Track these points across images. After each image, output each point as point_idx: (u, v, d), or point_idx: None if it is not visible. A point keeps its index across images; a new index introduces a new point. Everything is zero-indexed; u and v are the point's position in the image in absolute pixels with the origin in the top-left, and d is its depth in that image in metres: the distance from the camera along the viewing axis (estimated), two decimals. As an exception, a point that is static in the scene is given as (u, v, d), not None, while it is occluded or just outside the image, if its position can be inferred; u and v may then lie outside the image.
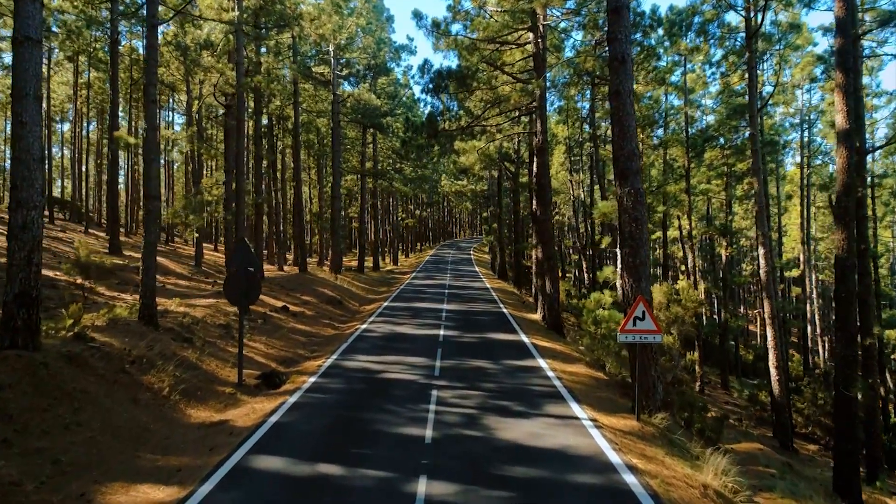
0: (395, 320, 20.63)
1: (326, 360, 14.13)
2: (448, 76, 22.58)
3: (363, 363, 13.77)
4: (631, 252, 10.58)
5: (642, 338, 10.03)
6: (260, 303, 20.82)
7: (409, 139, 23.39)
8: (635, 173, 10.63)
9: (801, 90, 30.76)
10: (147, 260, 13.76)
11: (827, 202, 36.66)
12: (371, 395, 11.04)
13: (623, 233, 10.73)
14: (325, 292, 26.26)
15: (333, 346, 16.35)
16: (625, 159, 10.65)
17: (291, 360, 15.13)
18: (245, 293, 11.99)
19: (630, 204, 10.60)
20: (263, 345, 15.92)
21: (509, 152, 38.22)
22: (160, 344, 12.40)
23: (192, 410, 10.54)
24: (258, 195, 25.53)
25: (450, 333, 17.87)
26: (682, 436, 10.30)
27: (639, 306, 9.99)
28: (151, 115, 13.99)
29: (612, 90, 10.82)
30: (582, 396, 11.31)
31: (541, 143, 20.36)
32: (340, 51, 31.84)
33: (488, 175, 57.40)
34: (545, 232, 20.82)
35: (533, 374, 12.90)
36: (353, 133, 48.87)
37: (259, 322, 18.15)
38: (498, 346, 16.10)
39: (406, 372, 12.92)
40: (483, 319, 21.26)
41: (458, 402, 10.65)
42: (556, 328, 20.24)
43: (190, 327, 14.81)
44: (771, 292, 17.19)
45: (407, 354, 14.71)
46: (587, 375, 13.51)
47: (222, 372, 12.72)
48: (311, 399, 10.86)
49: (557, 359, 14.87)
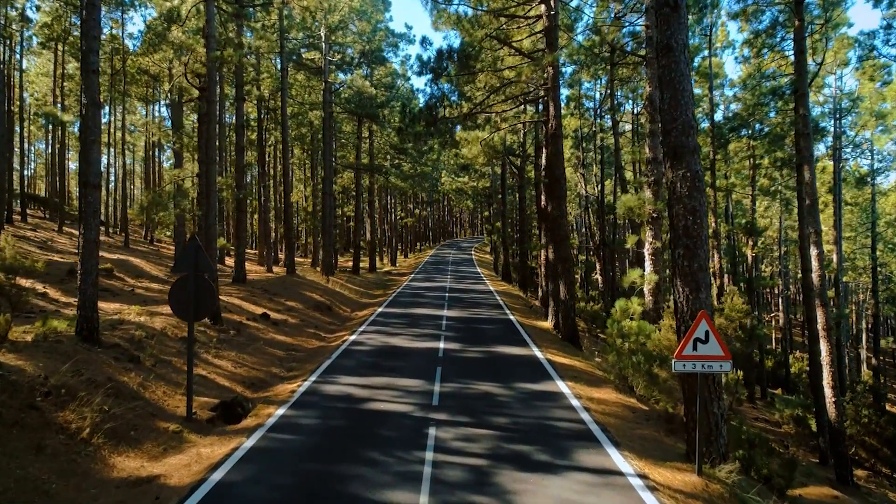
0: (389, 329, 18.23)
1: (303, 383, 11.74)
2: (449, 56, 20.18)
3: (347, 387, 11.37)
4: (687, 254, 8.18)
5: (705, 366, 7.63)
6: (236, 310, 18.43)
7: (406, 127, 20.98)
8: (692, 151, 8.22)
9: (833, 76, 28.36)
10: (87, 262, 11.36)
11: (854, 200, 34.27)
12: (351, 436, 8.63)
13: (675, 229, 8.32)
14: (314, 297, 23.86)
15: (315, 362, 13.95)
16: (678, 133, 8.24)
17: (262, 381, 12.72)
18: (195, 304, 9.58)
19: (685, 191, 8.19)
20: (232, 362, 13.51)
21: (514, 146, 35.85)
22: (93, 367, 10.00)
23: (119, 458, 8.14)
24: (239, 190, 23.12)
25: (451, 347, 15.48)
26: (755, 492, 7.89)
27: (700, 325, 7.60)
28: (92, 87, 11.60)
29: (660, 45, 8.42)
30: (620, 436, 8.91)
31: (554, 129, 17.95)
32: (332, 33, 29.44)
33: (491, 171, 55.06)
34: (558, 230, 18.41)
35: (554, 403, 10.50)
36: (349, 127, 46.46)
37: (231, 333, 15.74)
38: (508, 364, 13.70)
39: (398, 400, 10.52)
40: (488, 329, 18.87)
41: (463, 446, 8.26)
42: (571, 339, 17.84)
43: (142, 342, 12.41)
44: (825, 298, 14.81)
45: (400, 375, 12.31)
46: (619, 403, 11.10)
47: (170, 401, 10.31)
48: (273, 443, 8.46)
49: (580, 380, 12.46)
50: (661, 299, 15.15)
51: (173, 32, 18.09)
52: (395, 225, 64.12)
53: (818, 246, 15.17)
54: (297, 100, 38.58)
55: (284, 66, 27.84)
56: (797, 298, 49.42)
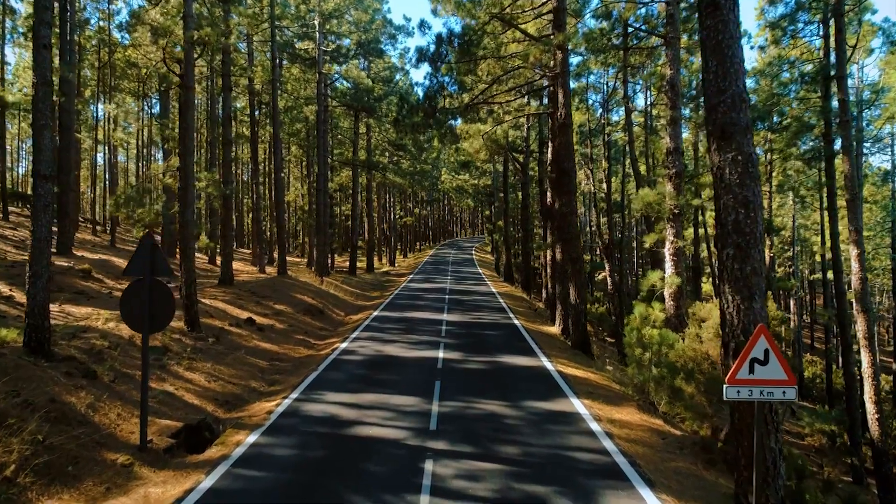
0: (384, 336, 16.80)
1: (283, 401, 10.31)
2: (449, 41, 18.75)
3: (332, 406, 9.94)
4: (738, 255, 6.75)
5: (765, 393, 6.20)
6: (219, 314, 17.00)
7: (403, 118, 19.55)
8: (744, 130, 6.79)
9: (856, 65, 26.98)
10: (36, 264, 9.90)
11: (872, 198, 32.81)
12: (331, 473, 7.20)
13: (723, 224, 6.89)
14: (305, 300, 22.42)
15: (300, 375, 12.53)
16: (727, 108, 6.81)
17: (238, 398, 11.29)
18: (150, 313, 8.15)
19: (735, 178, 6.76)
20: (206, 375, 12.07)
21: (517, 141, 34.40)
22: (35, 385, 8.57)
23: (49, 502, 6.72)
24: (226, 185, 21.69)
25: (451, 356, 14.04)
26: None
27: (759, 342, 6.17)
28: (43, 64, 10.15)
29: (704, 3, 6.98)
30: (652, 471, 7.48)
31: (563, 119, 16.50)
32: (326, 21, 27.99)
33: (493, 168, 53.60)
34: (567, 228, 16.97)
35: (571, 427, 9.06)
36: (346, 123, 45.04)
37: (210, 341, 14.31)
38: (515, 377, 12.27)
39: (390, 423, 9.09)
40: (492, 335, 17.45)
41: (466, 487, 6.83)
42: (582, 347, 16.41)
43: (102, 353, 10.98)
44: (867, 304, 13.32)
45: (394, 391, 10.88)
46: (645, 426, 9.66)
47: (125, 425, 8.88)
48: (236, 482, 7.02)
49: (597, 397, 11.02)
50: (682, 304, 13.72)
51: (150, 13, 16.70)
52: (394, 224, 62.67)
53: (859, 245, 13.70)
54: (293, 95, 37.16)
55: (275, 55, 26.40)
56: (806, 300, 48.01)
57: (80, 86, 35.78)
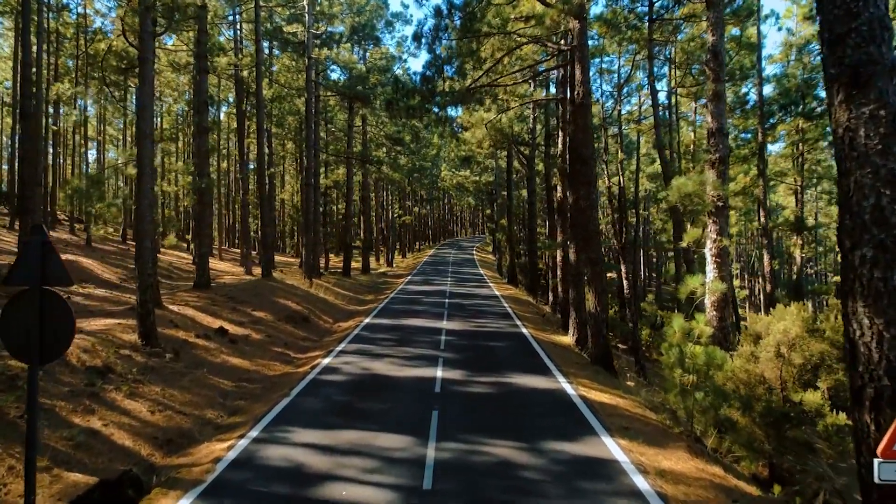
0: (375, 349, 14.61)
1: (239, 442, 8.11)
2: (450, 14, 16.58)
3: (299, 451, 7.74)
4: (880, 258, 4.53)
5: (941, 473, 4.00)
6: (186, 324, 14.77)
7: (397, 100, 17.36)
8: (889, 72, 4.58)
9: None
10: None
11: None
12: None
13: (856, 213, 4.69)
14: (289, 305, 20.21)
15: (268, 401, 10.34)
16: (860, 40, 4.61)
17: (185, 436, 9.06)
18: (40, 336, 5.92)
19: (875, 144, 4.56)
20: (151, 403, 9.85)
21: (522, 134, 32.20)
22: None
23: None
24: (201, 178, 19.48)
25: (452, 376, 11.85)
26: None
27: (931, 393, 3.95)
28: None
29: None
30: (737, 565, 5.27)
31: (581, 98, 14.27)
32: (315, 1, 25.81)
33: (495, 164, 51.37)
34: (587, 225, 14.74)
35: (610, 486, 6.85)
36: (342, 116, 42.83)
37: (167, 357, 12.09)
38: (530, 404, 10.07)
39: (371, 479, 6.88)
40: (498, 347, 15.26)
41: None
42: (603, 362, 14.20)
43: (16, 380, 8.78)
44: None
45: (380, 427, 8.67)
46: (705, 480, 7.44)
47: (15, 487, 6.66)
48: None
49: (636, 434, 8.79)
50: (727, 315, 11.52)
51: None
52: (393, 223, 60.44)
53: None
54: (285, 86, 34.96)
55: (258, 35, 24.19)
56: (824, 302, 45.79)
57: (60, 75, 33.63)
